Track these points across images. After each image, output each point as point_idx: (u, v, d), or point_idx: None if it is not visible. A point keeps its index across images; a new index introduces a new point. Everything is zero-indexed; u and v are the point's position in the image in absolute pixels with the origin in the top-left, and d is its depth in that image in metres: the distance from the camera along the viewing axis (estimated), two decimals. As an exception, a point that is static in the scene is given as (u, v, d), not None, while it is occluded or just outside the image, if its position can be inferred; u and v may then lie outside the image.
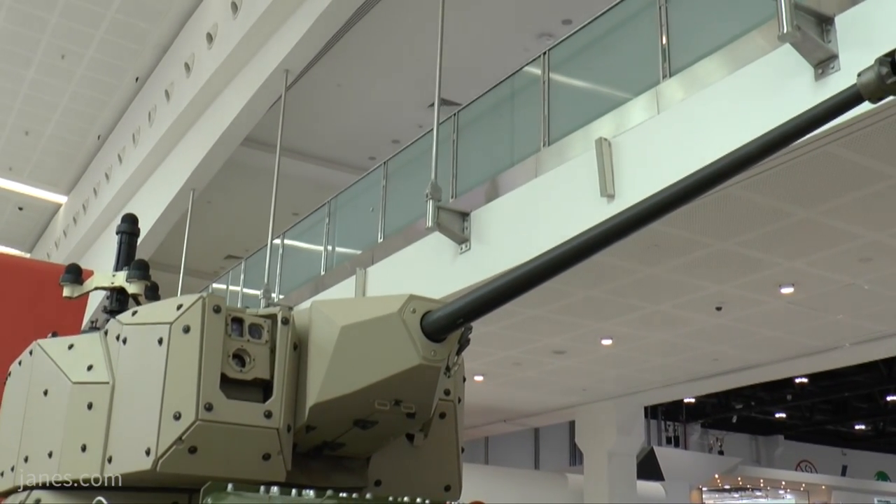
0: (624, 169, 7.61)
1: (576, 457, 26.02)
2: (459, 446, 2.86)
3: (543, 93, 9.18)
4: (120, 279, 3.22)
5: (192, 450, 2.25)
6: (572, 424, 19.75)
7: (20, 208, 24.32)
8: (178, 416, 2.25)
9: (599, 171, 7.66)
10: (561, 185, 8.43)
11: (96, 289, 3.28)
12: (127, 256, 3.37)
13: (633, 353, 12.98)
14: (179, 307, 2.35)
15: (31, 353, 2.75)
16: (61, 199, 23.80)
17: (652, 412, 28.58)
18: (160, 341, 2.33)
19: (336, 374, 2.34)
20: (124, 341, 2.46)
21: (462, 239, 9.50)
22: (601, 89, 9.01)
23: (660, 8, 7.88)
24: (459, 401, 2.84)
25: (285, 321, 2.39)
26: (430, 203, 9.28)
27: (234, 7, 14.37)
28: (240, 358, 2.34)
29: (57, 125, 20.31)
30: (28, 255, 25.51)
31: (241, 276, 15.34)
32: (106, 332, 2.62)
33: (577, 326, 11.67)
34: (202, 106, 16.03)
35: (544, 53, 9.36)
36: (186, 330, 2.31)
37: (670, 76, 7.63)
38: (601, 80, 9.05)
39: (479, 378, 14.59)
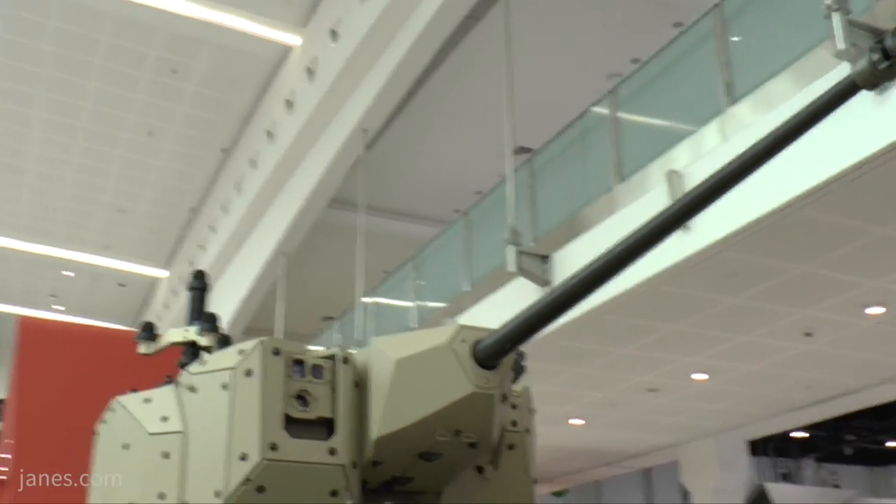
0: (697, 199, 7.58)
1: (688, 496, 25.54)
2: (531, 477, 2.88)
3: (613, 130, 9.26)
4: (192, 333, 3.36)
5: (260, 489, 2.35)
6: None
7: (121, 284, 25.08)
8: (244, 457, 2.36)
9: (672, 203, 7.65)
10: (636, 220, 8.36)
11: (171, 344, 3.42)
12: (198, 311, 3.51)
13: (726, 386, 12.75)
14: (241, 352, 2.47)
15: (111, 409, 2.88)
16: (160, 272, 24.46)
17: (762, 449, 27.91)
18: (224, 386, 2.45)
19: (394, 408, 2.41)
20: (194, 390, 2.58)
21: (544, 282, 9.55)
22: (670, 122, 9.04)
23: (717, 36, 7.93)
24: (528, 431, 2.87)
25: (345, 360, 2.49)
26: (510, 248, 9.39)
27: (310, 72, 14.76)
28: (302, 398, 2.43)
29: (149, 201, 20.94)
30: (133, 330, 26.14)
31: (335, 336, 15.56)
32: (178, 384, 2.74)
33: (667, 362, 11.56)
34: (287, 171, 16.43)
35: (611, 91, 9.46)
36: (248, 373, 2.42)
37: (736, 101, 7.65)
38: (669, 113, 9.08)
39: (578, 421, 14.47)
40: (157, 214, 21.52)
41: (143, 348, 3.46)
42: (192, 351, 3.36)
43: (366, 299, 14.09)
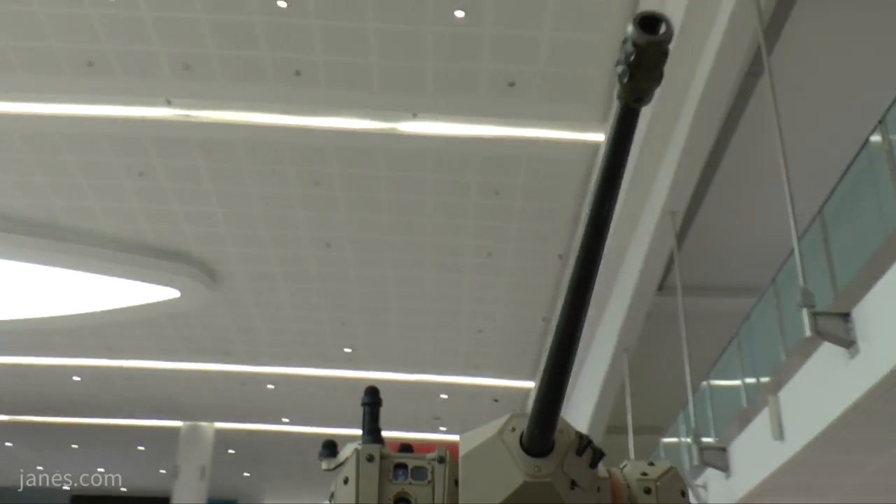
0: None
1: None
2: None
3: (889, 161, 8.48)
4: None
5: None
6: None
7: (495, 400, 26.00)
8: None
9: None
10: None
11: (347, 460, 3.58)
12: (367, 426, 3.66)
13: None
14: (345, 461, 2.63)
15: None
16: (529, 384, 25.06)
17: None
18: (332, 496, 2.62)
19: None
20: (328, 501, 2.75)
21: (848, 342, 8.76)
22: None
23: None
24: None
25: (441, 460, 2.54)
26: (805, 311, 8.75)
27: (614, 165, 14.72)
28: (405, 500, 2.50)
29: (503, 317, 21.66)
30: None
31: (684, 427, 15.10)
32: None
33: None
34: (613, 267, 16.44)
35: (880, 122, 8.70)
36: (346, 482, 2.55)
37: None
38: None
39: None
40: (512, 329, 22.19)
41: (324, 465, 3.65)
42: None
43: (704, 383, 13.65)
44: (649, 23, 1.68)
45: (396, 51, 14.13)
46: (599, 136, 15.78)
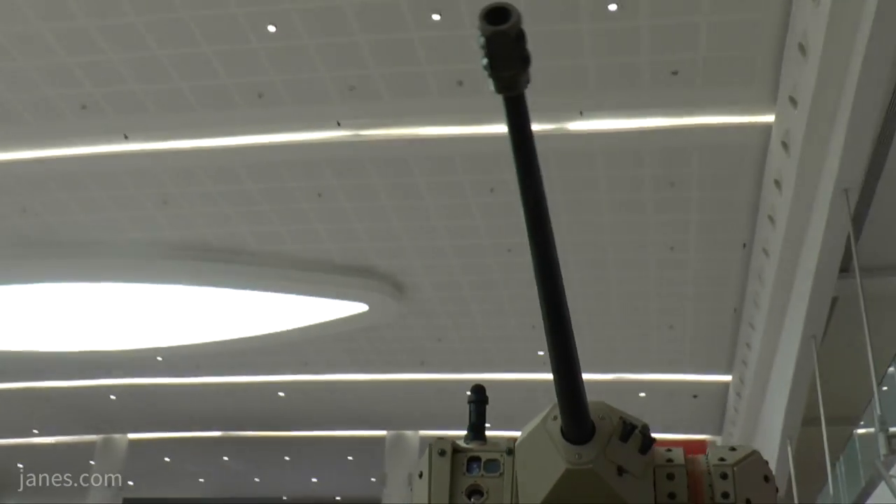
0: None
1: None
2: None
3: None
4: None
5: None
6: None
7: (694, 396, 25.47)
8: None
9: None
10: None
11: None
12: (473, 422, 3.78)
13: None
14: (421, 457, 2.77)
15: None
16: (725, 377, 24.46)
17: None
18: (410, 489, 2.77)
19: (524, 493, 2.52)
20: None
21: None
22: None
23: None
24: (748, 502, 2.61)
25: (509, 452, 2.64)
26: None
27: (785, 146, 14.27)
28: (478, 492, 2.62)
29: (693, 311, 21.22)
30: (717, 439, 26.42)
31: (876, 414, 14.39)
32: None
33: None
34: (792, 253, 15.84)
35: None
36: (420, 475, 2.70)
37: None
38: None
39: None
40: (704, 322, 21.71)
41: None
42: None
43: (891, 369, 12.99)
44: (495, 14, 1.74)
45: (555, 51, 14.09)
46: (769, 118, 15.25)
